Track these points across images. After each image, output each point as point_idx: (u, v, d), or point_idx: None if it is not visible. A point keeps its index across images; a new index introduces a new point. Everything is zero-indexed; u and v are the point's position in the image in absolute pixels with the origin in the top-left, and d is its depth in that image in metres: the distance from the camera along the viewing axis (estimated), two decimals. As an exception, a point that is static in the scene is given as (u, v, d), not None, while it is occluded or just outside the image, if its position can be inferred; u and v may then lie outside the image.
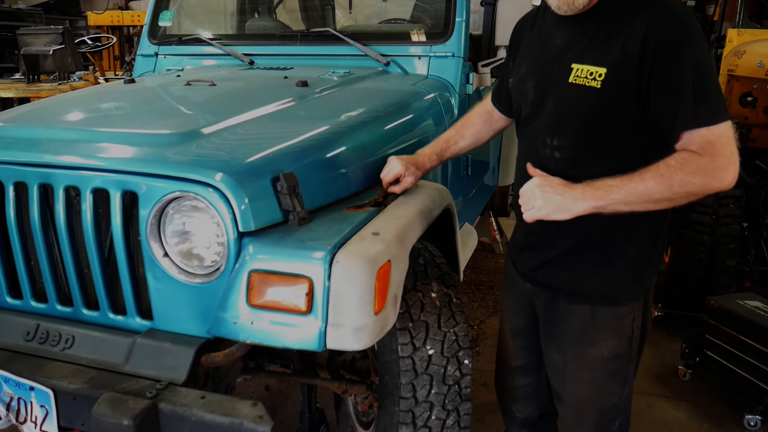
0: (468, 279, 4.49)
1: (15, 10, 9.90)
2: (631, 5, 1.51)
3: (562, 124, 1.62)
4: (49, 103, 2.35)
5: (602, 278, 1.68)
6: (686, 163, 1.41)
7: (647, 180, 1.42)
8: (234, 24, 3.69)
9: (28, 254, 1.77)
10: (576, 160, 1.61)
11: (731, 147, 1.42)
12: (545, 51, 1.67)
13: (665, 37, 1.44)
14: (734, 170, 1.42)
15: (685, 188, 1.42)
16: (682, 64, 1.43)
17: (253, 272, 1.47)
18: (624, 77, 1.48)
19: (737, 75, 3.97)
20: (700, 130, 1.42)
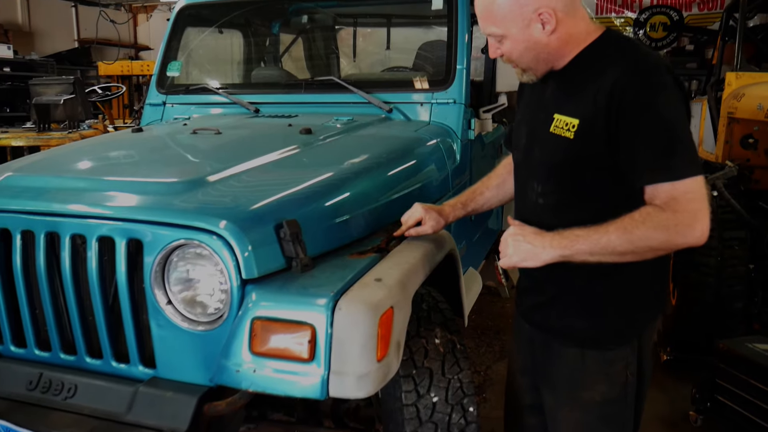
0: (474, 324, 4.46)
1: (28, 61, 10.14)
2: (605, 57, 1.54)
3: (546, 171, 1.66)
4: (57, 153, 2.40)
5: (590, 322, 1.68)
6: (649, 218, 1.42)
7: (611, 233, 1.44)
8: (240, 73, 3.77)
9: (32, 302, 1.78)
10: (558, 206, 1.64)
11: (697, 203, 1.41)
12: (538, 100, 1.72)
13: (631, 90, 1.45)
14: (701, 227, 1.41)
15: (648, 243, 1.43)
16: (647, 118, 1.44)
17: (255, 319, 1.47)
18: (594, 129, 1.50)
19: (737, 117, 4.00)
20: (663, 185, 1.43)
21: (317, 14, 3.66)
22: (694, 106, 5.79)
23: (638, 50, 1.54)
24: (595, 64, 1.55)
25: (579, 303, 1.66)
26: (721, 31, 5.32)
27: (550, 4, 1.52)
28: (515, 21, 1.54)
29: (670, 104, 1.45)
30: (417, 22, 3.88)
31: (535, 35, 1.55)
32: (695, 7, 9.79)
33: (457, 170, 2.70)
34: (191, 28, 3.52)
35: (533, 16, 1.53)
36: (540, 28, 1.54)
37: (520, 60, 1.63)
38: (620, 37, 1.63)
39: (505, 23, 1.55)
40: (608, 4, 10.08)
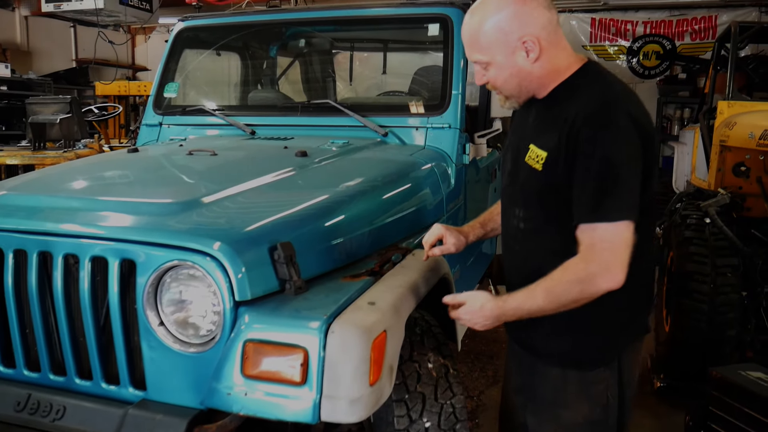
0: (467, 348, 4.44)
1: (25, 80, 10.16)
2: (576, 93, 1.60)
3: (524, 198, 1.72)
4: (52, 172, 2.40)
5: (570, 343, 1.70)
6: (565, 274, 1.51)
7: (538, 297, 1.55)
8: (237, 95, 3.80)
9: (23, 322, 1.77)
10: (534, 232, 1.70)
11: (612, 253, 1.47)
12: (522, 127, 1.77)
13: (586, 127, 1.50)
14: (611, 276, 1.47)
15: (568, 297, 1.52)
16: (592, 155, 1.48)
17: (248, 342, 1.46)
18: (558, 162, 1.56)
19: (729, 145, 4.04)
20: (588, 226, 1.50)
21: (314, 38, 3.70)
22: (687, 134, 5.84)
23: (605, 88, 1.59)
24: (568, 97, 1.60)
25: (560, 324, 1.67)
26: (713, 61, 5.39)
27: (534, 32, 1.57)
28: (500, 48, 1.59)
29: (617, 146, 1.48)
30: (413, 47, 3.92)
31: (519, 63, 1.60)
32: (687, 36, 9.94)
33: (452, 194, 2.71)
34: (189, 49, 3.55)
35: (518, 43, 1.58)
36: (524, 55, 1.59)
37: (504, 87, 1.68)
38: (596, 72, 1.66)
39: (491, 50, 1.61)
40: (602, 32, 10.22)
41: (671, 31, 9.96)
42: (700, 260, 3.55)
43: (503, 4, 1.58)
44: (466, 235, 1.99)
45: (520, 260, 1.79)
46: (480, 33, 1.60)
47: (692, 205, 4.00)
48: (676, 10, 9.90)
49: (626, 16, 10.12)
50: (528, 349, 1.82)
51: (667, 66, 9.93)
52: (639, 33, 10.08)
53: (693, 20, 9.86)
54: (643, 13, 10.04)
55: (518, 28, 1.57)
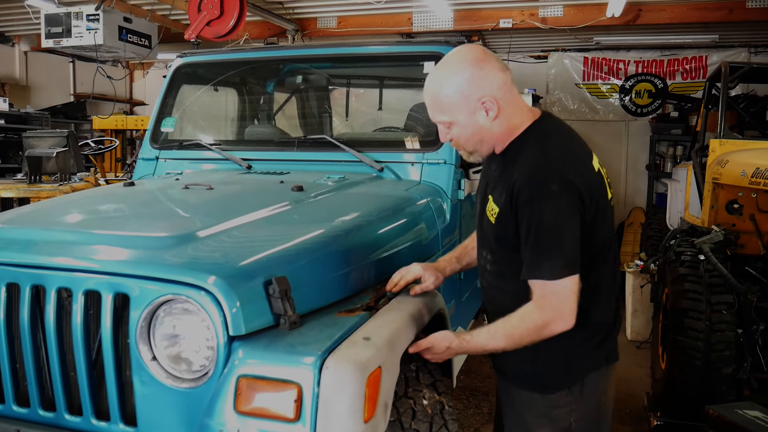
0: (462, 384, 4.39)
1: (23, 114, 10.21)
2: (521, 151, 1.73)
3: (488, 243, 1.87)
4: (47, 205, 2.40)
5: (535, 366, 1.82)
6: (523, 321, 1.67)
7: (499, 340, 1.71)
8: (234, 130, 3.82)
9: (13, 357, 1.75)
10: (498, 273, 1.86)
11: (561, 302, 1.64)
12: (488, 174, 1.89)
13: (522, 194, 1.65)
14: (562, 322, 1.65)
15: (528, 339, 1.68)
16: (529, 221, 1.64)
17: (241, 377, 1.45)
18: (507, 219, 1.72)
19: (722, 183, 4.08)
20: (535, 283, 1.66)
21: (311, 74, 3.75)
22: (680, 171, 5.90)
23: (541, 152, 1.70)
24: (515, 157, 1.73)
25: (525, 349, 1.75)
26: (704, 100, 5.47)
27: (491, 93, 1.71)
28: (461, 109, 1.73)
29: (553, 211, 1.62)
30: (409, 84, 3.97)
31: (479, 121, 1.73)
32: (679, 75, 10.11)
33: (447, 229, 2.72)
34: (187, 85, 3.58)
35: (477, 104, 1.71)
36: (484, 114, 1.73)
37: (466, 144, 1.81)
38: (540, 133, 1.77)
39: (453, 111, 1.74)
40: (595, 71, 10.38)
41: (663, 70, 10.14)
42: (695, 297, 3.55)
43: (460, 69, 1.71)
44: (443, 271, 2.07)
45: (491, 296, 1.95)
46: (441, 96, 1.73)
47: (686, 242, 4.02)
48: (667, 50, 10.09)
49: (618, 55, 10.30)
50: (502, 374, 1.95)
51: (659, 104, 10.07)
52: (631, 72, 10.26)
53: (684, 60, 10.04)
54: (634, 52, 10.23)
55: (477, 90, 1.70)
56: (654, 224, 7.11)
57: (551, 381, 1.83)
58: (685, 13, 7.88)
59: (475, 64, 1.70)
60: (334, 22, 9.32)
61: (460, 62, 1.72)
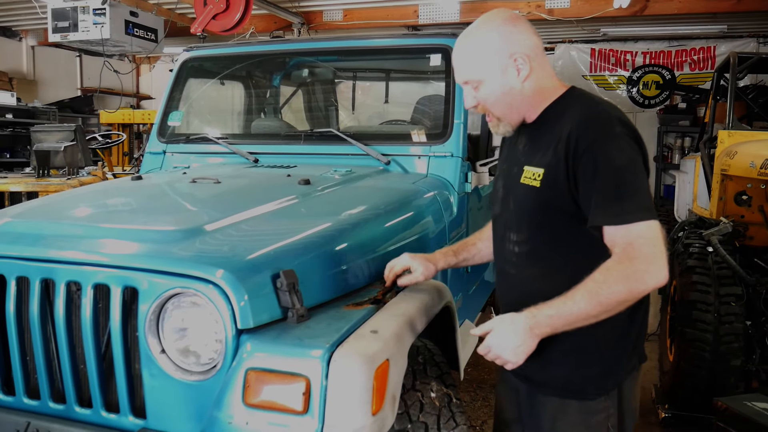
0: (469, 377, 4.40)
1: (30, 108, 10.26)
2: (566, 111, 1.63)
3: (519, 221, 1.72)
4: (56, 199, 2.41)
5: (568, 370, 1.68)
6: (609, 273, 1.46)
7: (579, 302, 1.48)
8: (240, 123, 3.83)
9: (24, 350, 1.76)
10: (533, 254, 1.70)
11: (652, 247, 1.45)
12: (512, 155, 1.81)
13: (582, 139, 1.53)
14: (656, 270, 1.44)
15: (615, 298, 1.46)
16: (597, 165, 1.50)
17: (250, 370, 1.45)
18: (557, 176, 1.58)
19: (730, 174, 4.06)
20: (618, 229, 1.48)
21: (317, 68, 3.74)
22: (688, 163, 5.87)
23: (593, 103, 1.63)
24: (558, 117, 1.64)
25: (559, 353, 1.66)
26: (712, 90, 5.44)
27: (524, 51, 1.63)
28: (492, 66, 1.64)
29: (621, 151, 1.51)
30: (415, 77, 3.96)
31: (510, 81, 1.65)
32: (686, 66, 10.05)
33: (454, 222, 2.72)
34: (193, 79, 3.59)
35: (509, 61, 1.63)
36: (515, 73, 1.64)
37: (494, 106, 1.70)
38: (583, 93, 1.72)
39: (483, 69, 1.65)
40: (602, 62, 10.32)
41: (670, 61, 10.07)
42: (704, 289, 3.54)
43: (493, 26, 1.65)
44: (435, 262, 1.96)
45: (516, 285, 1.78)
46: (472, 53, 1.66)
47: (694, 234, 4.00)
48: (675, 41, 10.02)
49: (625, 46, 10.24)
50: (525, 379, 1.80)
51: (666, 96, 10.02)
52: (638, 63, 10.20)
53: (692, 51, 9.97)
54: (642, 43, 10.17)
55: (509, 47, 1.62)
56: (662, 216, 7.09)
57: (590, 386, 1.69)
58: (693, 3, 7.82)
59: (508, 21, 1.64)
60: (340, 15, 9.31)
61: (492, 19, 1.65)
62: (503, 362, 1.58)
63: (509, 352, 1.55)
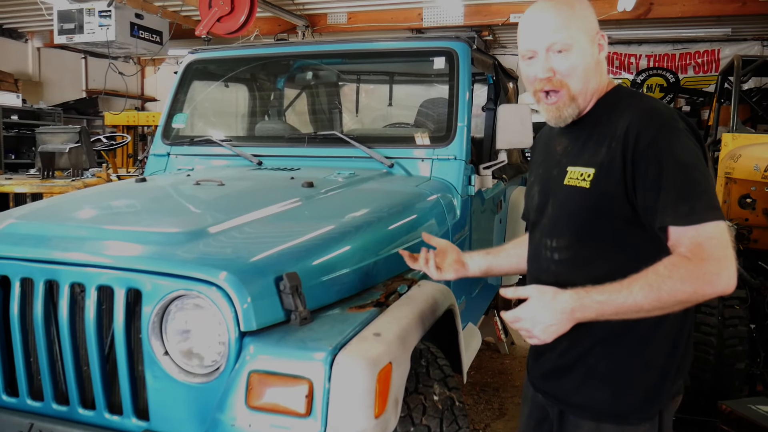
0: (472, 380, 4.39)
1: (35, 110, 10.31)
2: (617, 108, 1.55)
3: (560, 226, 1.62)
4: (60, 201, 2.42)
5: (608, 393, 1.56)
6: (675, 269, 1.35)
7: (635, 292, 1.37)
8: (244, 126, 3.84)
9: (27, 351, 1.77)
10: (575, 261, 1.58)
11: (723, 249, 1.35)
12: (549, 158, 1.72)
13: (644, 135, 1.44)
14: (728, 274, 1.34)
15: (676, 297, 1.36)
16: (661, 162, 1.41)
17: (252, 372, 1.46)
18: (611, 176, 1.48)
19: (735, 178, 4.05)
20: (687, 230, 1.38)
21: (321, 71, 3.75)
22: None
23: (648, 98, 1.57)
24: (608, 115, 1.56)
25: (600, 372, 1.57)
26: (716, 94, 5.44)
27: (599, 30, 1.61)
28: (587, 34, 1.57)
29: (687, 147, 1.43)
30: (419, 79, 3.97)
31: (594, 54, 1.59)
32: (690, 69, 10.03)
33: (457, 225, 2.72)
34: (198, 81, 3.60)
35: (596, 36, 1.59)
36: (597, 48, 1.60)
37: (574, 75, 1.56)
38: (631, 89, 1.67)
39: (576, 33, 1.55)
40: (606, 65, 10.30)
41: (674, 64, 10.06)
42: (708, 292, 3.53)
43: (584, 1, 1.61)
44: (463, 261, 1.89)
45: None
46: (572, 16, 1.56)
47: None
48: (679, 44, 10.01)
49: (629, 49, 10.23)
50: (556, 400, 1.67)
51: (671, 99, 10.00)
52: (642, 66, 10.18)
53: (696, 54, 9.96)
54: (646, 46, 10.16)
55: (594, 22, 1.60)
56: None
57: (631, 411, 1.55)
58: (698, 6, 7.82)
59: (589, 5, 1.61)
60: (344, 18, 9.33)
61: None
62: (529, 336, 1.48)
63: (540, 329, 1.44)
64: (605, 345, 1.56)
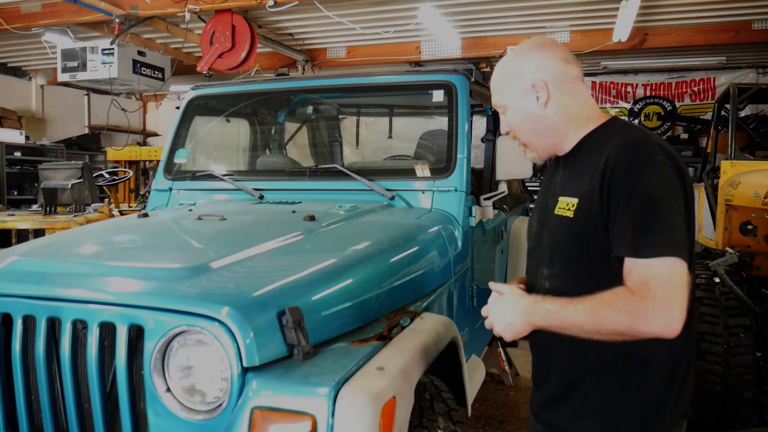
0: (477, 413, 4.34)
1: (38, 146, 10.40)
2: (604, 139, 1.58)
3: (551, 254, 1.65)
4: (63, 237, 2.42)
5: (602, 425, 1.56)
6: (617, 299, 1.37)
7: (579, 311, 1.41)
8: (246, 160, 3.86)
9: (29, 388, 1.76)
10: (563, 291, 1.56)
11: (668, 292, 1.34)
12: (548, 188, 1.76)
13: (620, 165, 1.46)
14: (667, 317, 1.32)
15: (612, 326, 1.37)
16: (630, 192, 1.43)
17: (255, 409, 1.45)
18: (591, 206, 1.51)
19: (735, 205, 4.06)
20: (636, 263, 1.39)
21: (322, 104, 3.79)
22: (692, 193, 5.86)
23: (636, 130, 1.59)
24: (596, 145, 1.59)
25: (593, 404, 1.57)
26: (713, 121, 5.47)
27: (541, 77, 1.63)
28: (514, 92, 1.66)
29: (656, 180, 1.44)
30: (418, 112, 4.01)
31: (530, 107, 1.65)
32: (687, 97, 10.13)
33: (459, 256, 2.72)
34: (199, 116, 3.64)
35: (528, 87, 1.64)
36: (534, 99, 1.64)
37: (519, 131, 1.70)
38: (626, 122, 1.69)
39: (505, 93, 1.69)
40: (603, 94, 10.41)
41: (671, 92, 10.16)
42: (712, 321, 3.51)
43: (521, 51, 1.68)
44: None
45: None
46: (500, 78, 1.70)
47: (701, 265, 3.98)
48: (675, 72, 10.13)
49: (626, 79, 10.34)
50: (553, 430, 1.68)
51: (668, 127, 10.08)
52: (639, 95, 10.28)
53: (692, 82, 10.07)
54: (642, 76, 10.27)
55: (530, 72, 1.63)
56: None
57: None
58: (692, 35, 7.93)
59: (535, 48, 1.65)
60: (344, 52, 9.46)
61: (524, 45, 1.68)
62: (496, 331, 1.60)
63: (501, 325, 1.58)
64: (598, 374, 1.57)
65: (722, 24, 7.70)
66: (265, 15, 7.62)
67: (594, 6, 7.33)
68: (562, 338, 1.49)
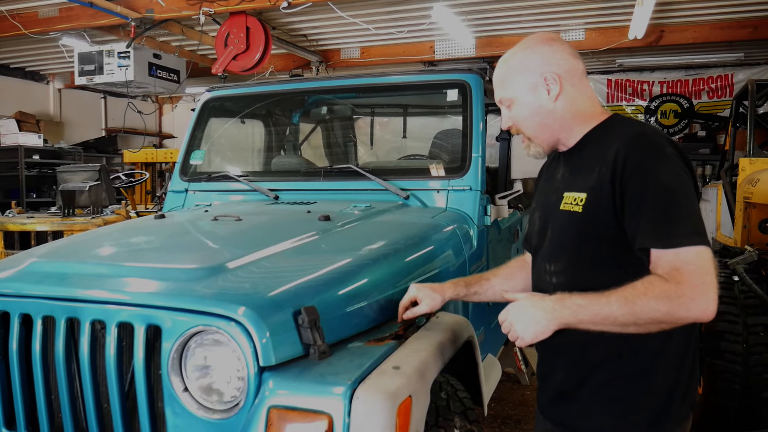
0: (493, 413, 4.33)
1: (56, 149, 10.52)
2: (609, 135, 1.58)
3: (557, 250, 1.66)
4: (81, 239, 2.45)
5: (613, 419, 1.56)
6: (651, 287, 1.37)
7: (612, 303, 1.40)
8: (261, 161, 3.88)
9: (48, 388, 1.78)
10: (571, 285, 1.57)
11: (701, 275, 1.35)
12: (550, 184, 1.76)
13: (631, 160, 1.47)
14: (704, 300, 1.34)
15: (650, 315, 1.37)
16: (646, 186, 1.43)
17: (272, 408, 1.45)
18: (601, 200, 1.51)
19: (753, 202, 4.01)
20: (666, 252, 1.39)
21: (336, 105, 3.80)
22: (710, 191, 5.82)
23: (641, 125, 1.60)
24: (601, 141, 1.59)
25: (603, 398, 1.57)
26: (731, 118, 5.41)
27: (554, 70, 1.62)
28: (523, 84, 1.65)
29: (672, 172, 1.45)
30: (433, 111, 4.00)
31: (540, 100, 1.64)
32: (704, 95, 10.02)
33: (474, 256, 2.71)
34: (215, 118, 3.66)
35: (539, 80, 1.63)
36: (545, 93, 1.63)
37: (526, 125, 1.68)
38: (627, 118, 1.69)
39: (513, 87, 1.66)
40: (619, 92, 10.33)
41: (688, 90, 10.06)
42: (731, 319, 3.47)
43: (528, 45, 1.66)
44: (443, 292, 1.88)
45: None
46: (506, 72, 1.68)
47: (719, 263, 3.94)
48: (692, 69, 10.02)
49: (642, 76, 10.26)
50: (564, 427, 1.67)
51: (685, 124, 9.98)
52: (655, 93, 10.19)
53: (709, 79, 9.96)
54: (658, 73, 10.18)
55: (540, 66, 1.62)
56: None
57: None
58: (709, 32, 7.84)
59: (544, 42, 1.64)
60: (358, 53, 9.46)
61: (530, 40, 1.67)
62: (513, 336, 1.52)
63: (521, 327, 1.50)
64: (607, 368, 1.57)
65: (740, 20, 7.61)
66: (279, 16, 7.64)
67: (609, 3, 7.28)
68: (568, 333, 1.49)
